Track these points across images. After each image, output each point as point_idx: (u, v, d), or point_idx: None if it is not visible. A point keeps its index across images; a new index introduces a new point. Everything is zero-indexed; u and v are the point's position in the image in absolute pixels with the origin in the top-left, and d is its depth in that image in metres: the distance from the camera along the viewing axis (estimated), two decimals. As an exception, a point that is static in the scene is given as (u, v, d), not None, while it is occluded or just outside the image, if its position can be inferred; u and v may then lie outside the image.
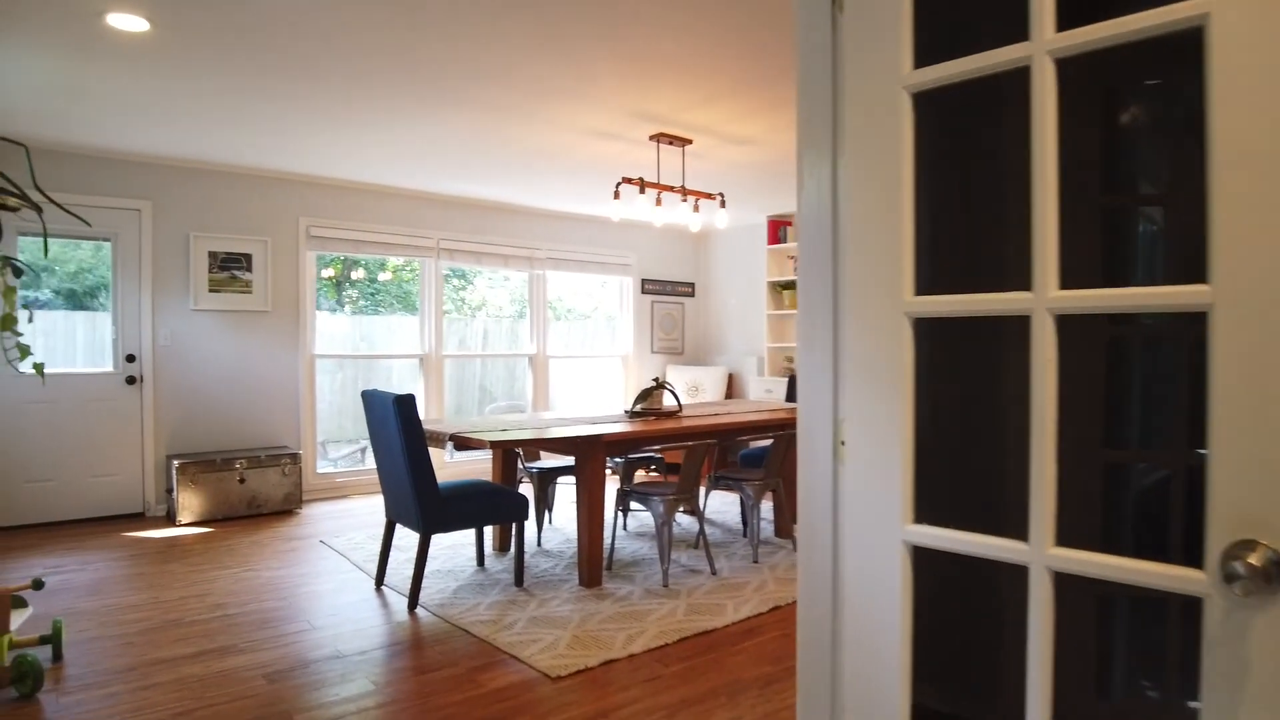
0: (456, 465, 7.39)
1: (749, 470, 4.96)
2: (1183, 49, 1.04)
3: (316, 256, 6.60)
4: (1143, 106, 1.30)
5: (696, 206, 5.46)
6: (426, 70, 3.90)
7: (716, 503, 6.30)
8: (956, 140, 1.38)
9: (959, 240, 1.40)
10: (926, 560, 1.31)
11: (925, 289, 1.29)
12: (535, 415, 5.18)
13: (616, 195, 5.13)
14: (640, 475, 7.41)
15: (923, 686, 1.33)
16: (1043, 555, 1.13)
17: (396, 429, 3.78)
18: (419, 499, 3.77)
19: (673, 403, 6.25)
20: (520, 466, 5.14)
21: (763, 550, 4.84)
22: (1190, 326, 1.04)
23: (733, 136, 5.13)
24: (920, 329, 1.29)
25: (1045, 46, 1.13)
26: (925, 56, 1.28)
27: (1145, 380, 1.27)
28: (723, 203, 5.38)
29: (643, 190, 5.05)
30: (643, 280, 8.73)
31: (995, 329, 1.33)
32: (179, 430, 5.91)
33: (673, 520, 4.21)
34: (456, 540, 5.10)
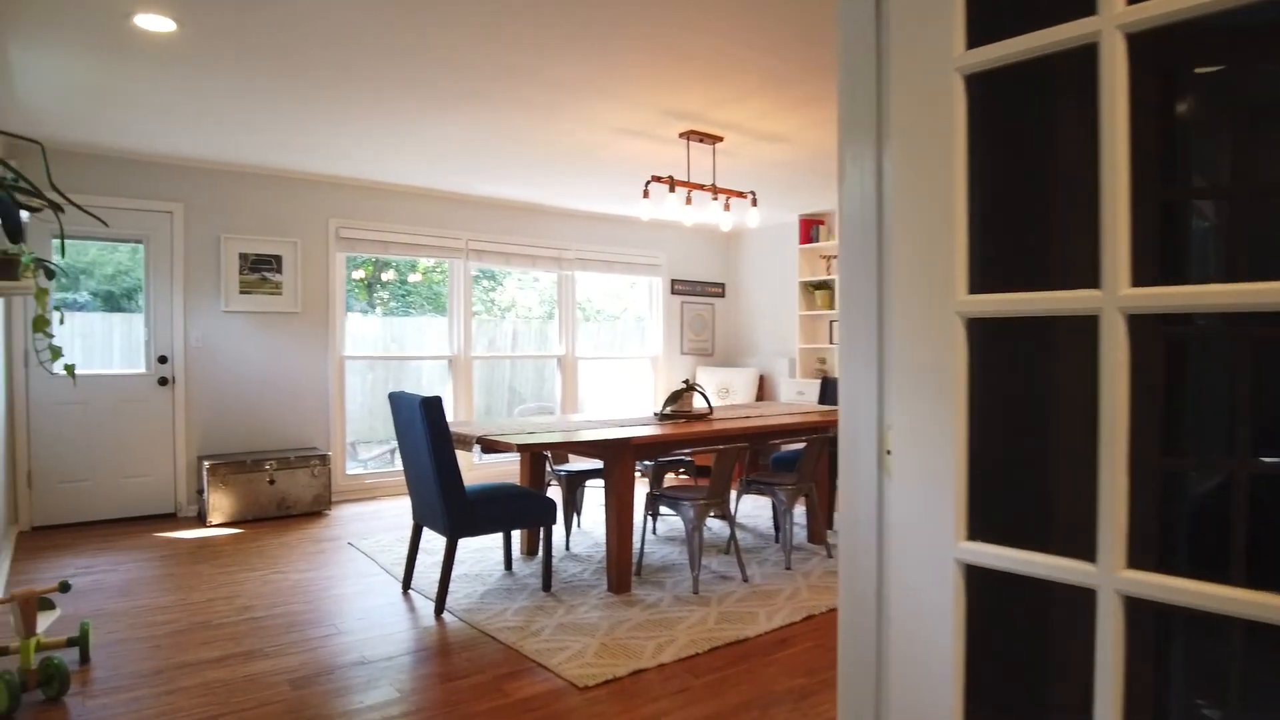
0: (484, 467, 7.36)
1: (781, 474, 4.85)
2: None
3: (346, 258, 6.60)
4: (1218, 89, 1.19)
5: (727, 205, 5.36)
6: (455, 69, 3.85)
7: (748, 507, 6.20)
8: (1012, 126, 1.28)
9: (1013, 235, 1.30)
10: (978, 577, 1.21)
11: (977, 287, 1.20)
12: (564, 417, 5.12)
13: (646, 194, 5.05)
14: (670, 478, 7.33)
15: (975, 709, 1.23)
16: (1113, 578, 1.03)
17: (423, 431, 3.73)
18: (446, 502, 3.72)
19: (703, 405, 6.16)
20: (549, 469, 5.08)
21: (795, 556, 4.73)
22: (1258, 326, 0.94)
23: (764, 133, 5.03)
24: (973, 330, 1.20)
25: (1115, 20, 1.03)
26: (978, 36, 1.19)
27: (1209, 384, 1.16)
28: (754, 201, 5.28)
29: (673, 189, 4.96)
30: (672, 281, 8.65)
31: (1055, 329, 1.23)
32: (210, 431, 5.94)
33: (703, 526, 4.12)
34: (484, 543, 5.06)
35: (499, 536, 5.13)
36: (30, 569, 4.43)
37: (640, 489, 6.65)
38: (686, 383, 4.94)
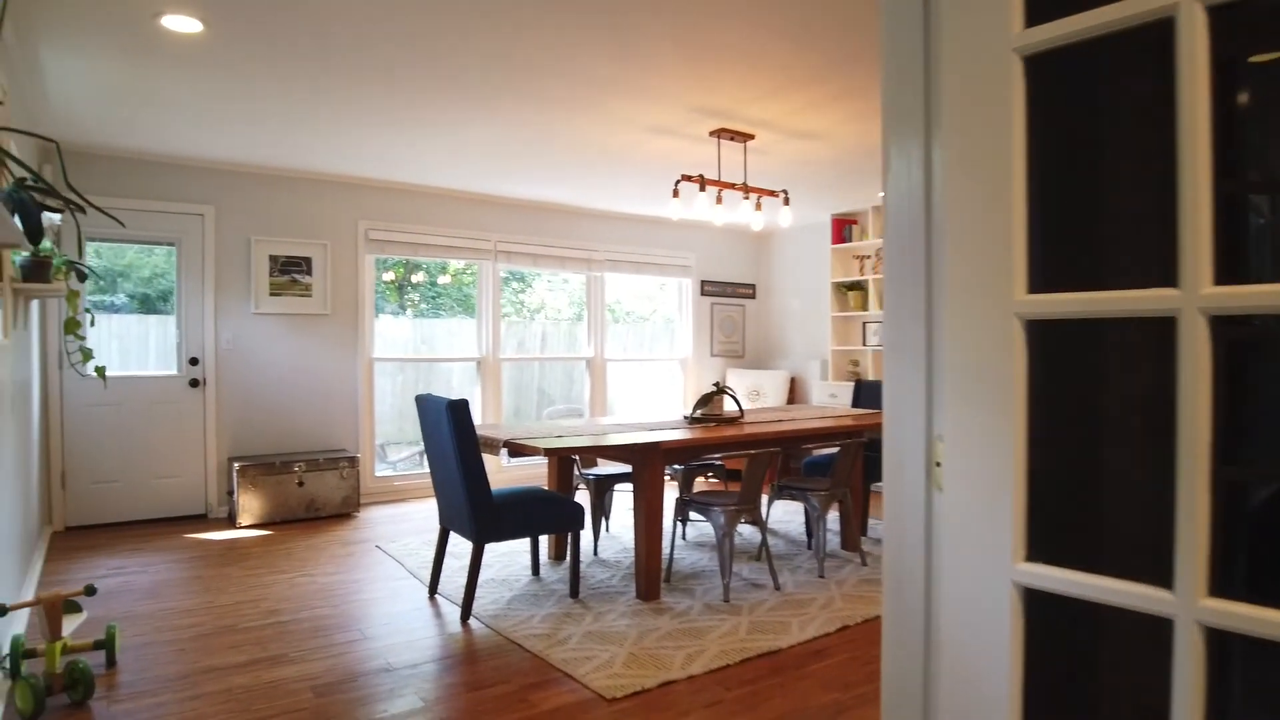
0: (513, 470, 7.32)
1: (814, 479, 4.74)
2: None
3: (375, 259, 6.60)
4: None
5: (759, 205, 5.26)
6: (485, 68, 3.80)
7: (779, 512, 6.08)
8: (1074, 111, 1.18)
9: (1076, 230, 1.20)
10: (1037, 601, 1.12)
11: (1036, 286, 1.10)
12: (592, 421, 5.05)
13: (676, 194, 4.97)
14: (699, 482, 7.24)
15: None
16: (1193, 607, 0.93)
17: (450, 435, 3.68)
18: (472, 507, 3.66)
19: (734, 408, 6.05)
20: (577, 473, 5.01)
21: (829, 564, 4.62)
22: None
23: (797, 131, 4.93)
24: (1031, 332, 1.10)
25: (1195, -9, 0.93)
26: (1037, 13, 1.09)
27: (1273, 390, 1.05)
28: (786, 200, 5.18)
29: (703, 188, 4.88)
30: (702, 282, 8.55)
31: (1121, 331, 1.13)
32: (240, 433, 5.95)
33: (734, 532, 4.03)
34: (512, 547, 5.00)
35: (527, 540, 5.07)
36: (63, 569, 4.45)
37: (669, 493, 6.57)
38: (717, 385, 4.85)
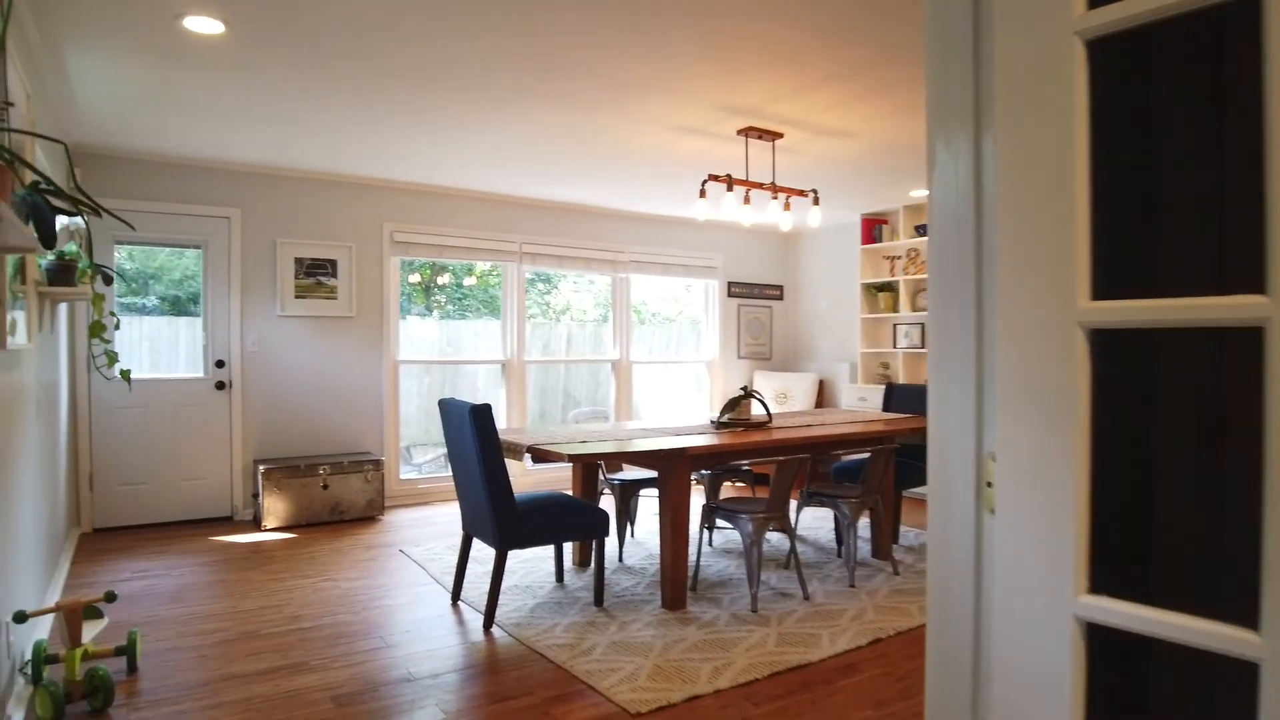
0: (536, 474, 7.26)
1: (844, 485, 4.63)
2: None
3: (400, 261, 6.57)
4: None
5: (787, 205, 5.16)
6: (511, 68, 3.74)
7: (808, 518, 5.96)
8: (1141, 100, 1.08)
9: (1144, 231, 1.10)
10: (1100, 637, 1.02)
11: (1100, 293, 1.01)
12: (617, 425, 4.97)
13: (703, 194, 4.88)
14: (726, 487, 7.13)
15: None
16: (1286, 653, 0.83)
17: (472, 441, 3.62)
18: (495, 514, 3.60)
19: (762, 412, 5.95)
20: (601, 478, 4.94)
21: (859, 573, 4.50)
22: None
23: (827, 128, 4.81)
24: (1095, 343, 1.00)
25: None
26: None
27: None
28: (815, 200, 5.06)
29: (730, 188, 4.78)
30: (729, 283, 8.45)
31: (1194, 341, 1.03)
32: (265, 435, 5.95)
33: (762, 540, 3.93)
34: (536, 553, 4.94)
35: (550, 546, 5.01)
36: (89, 572, 4.46)
37: (695, 498, 6.47)
38: (745, 389, 4.75)
